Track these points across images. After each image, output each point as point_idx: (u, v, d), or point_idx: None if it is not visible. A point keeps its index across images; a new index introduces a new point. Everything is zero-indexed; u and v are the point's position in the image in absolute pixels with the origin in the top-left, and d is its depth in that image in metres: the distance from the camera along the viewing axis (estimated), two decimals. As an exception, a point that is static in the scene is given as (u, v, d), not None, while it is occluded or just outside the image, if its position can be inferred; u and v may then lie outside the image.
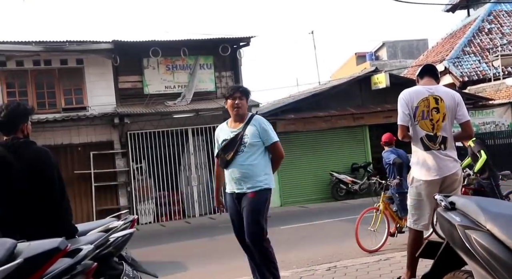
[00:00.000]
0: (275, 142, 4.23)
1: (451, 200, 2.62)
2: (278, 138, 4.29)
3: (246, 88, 4.46)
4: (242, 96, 4.31)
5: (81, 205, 12.83)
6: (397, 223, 6.98)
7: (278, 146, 4.27)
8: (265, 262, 4.17)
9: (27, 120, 3.24)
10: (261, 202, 4.14)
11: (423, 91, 3.94)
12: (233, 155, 4.17)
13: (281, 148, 4.31)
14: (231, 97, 4.32)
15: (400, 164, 6.73)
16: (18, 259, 1.97)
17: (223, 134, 4.36)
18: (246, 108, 4.36)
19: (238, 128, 4.26)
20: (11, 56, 12.64)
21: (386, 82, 14.77)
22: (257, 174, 4.14)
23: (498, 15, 21.82)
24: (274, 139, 4.24)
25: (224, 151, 4.25)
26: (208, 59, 14.59)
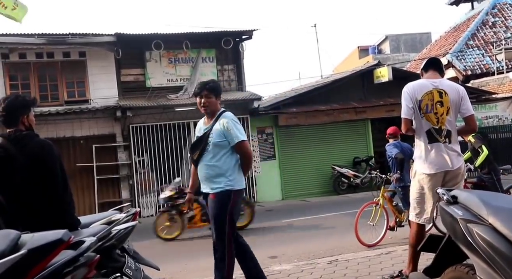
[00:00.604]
0: (238, 142, 3.99)
1: (453, 194, 2.62)
2: (244, 137, 4.04)
3: (213, 85, 4.26)
4: (210, 94, 4.12)
5: (83, 197, 12.87)
6: (396, 217, 6.99)
7: (243, 146, 4.01)
8: (220, 264, 4.04)
9: (28, 112, 3.23)
10: (219, 204, 3.98)
11: (427, 85, 3.93)
12: (199, 154, 4.09)
13: (247, 148, 4.06)
14: (198, 95, 4.16)
15: (402, 159, 6.69)
16: (22, 250, 1.98)
17: (197, 131, 4.29)
18: (215, 105, 4.15)
19: (207, 126, 4.13)
20: (14, 49, 12.63)
21: (389, 76, 14.72)
22: (220, 175, 4.00)
23: (502, 8, 21.69)
24: (238, 139, 3.99)
25: (192, 150, 4.18)
26: (210, 53, 14.56)
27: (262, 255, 6.79)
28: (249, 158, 4.11)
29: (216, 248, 4.07)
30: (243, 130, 4.14)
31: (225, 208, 3.98)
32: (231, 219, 4.00)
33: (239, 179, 4.06)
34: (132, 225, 3.64)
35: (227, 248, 3.98)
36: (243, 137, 4.03)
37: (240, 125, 4.14)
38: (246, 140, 4.07)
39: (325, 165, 14.76)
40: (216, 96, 4.18)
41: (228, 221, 3.98)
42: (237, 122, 4.12)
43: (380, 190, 7.07)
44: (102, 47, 13.11)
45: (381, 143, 16.69)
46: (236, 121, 4.12)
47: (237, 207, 4.08)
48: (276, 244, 7.58)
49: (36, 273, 2.04)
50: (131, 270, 3.43)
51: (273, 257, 6.71)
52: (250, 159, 4.12)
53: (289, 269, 5.25)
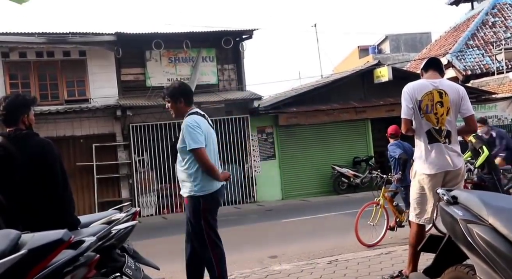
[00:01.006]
0: (190, 150, 3.86)
1: (454, 194, 2.62)
2: (196, 145, 3.83)
3: (170, 89, 4.10)
4: (169, 99, 4.07)
5: (83, 197, 12.87)
6: (396, 217, 6.98)
7: (195, 154, 3.85)
8: (208, 266, 4.04)
9: (28, 111, 3.23)
10: (191, 209, 3.98)
11: (427, 85, 3.92)
12: (174, 159, 4.12)
13: (199, 156, 3.84)
14: (165, 100, 4.15)
15: (406, 160, 6.65)
16: (22, 250, 1.98)
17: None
18: (179, 109, 4.07)
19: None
20: (14, 48, 12.63)
21: (389, 75, 14.72)
22: (186, 180, 3.97)
23: (502, 8, 21.68)
24: (189, 147, 3.85)
25: (172, 156, 4.18)
26: (211, 52, 14.56)
27: (262, 255, 6.81)
28: (205, 166, 3.87)
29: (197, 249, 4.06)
30: (200, 135, 3.87)
31: (197, 213, 3.95)
32: (207, 223, 3.95)
33: (205, 184, 3.93)
34: (132, 225, 3.64)
35: (212, 252, 3.96)
36: (194, 146, 3.83)
37: (197, 130, 3.88)
38: (198, 147, 3.83)
39: (325, 165, 14.76)
40: (174, 100, 4.05)
41: (204, 226, 3.94)
42: (194, 127, 3.89)
43: (381, 190, 7.06)
44: (102, 47, 13.12)
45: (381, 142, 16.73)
46: (194, 126, 3.89)
47: (211, 211, 4.00)
48: (276, 244, 7.58)
49: (36, 272, 2.03)
50: (131, 270, 3.43)
51: (273, 257, 6.71)
52: (206, 167, 3.87)
53: (289, 269, 5.25)
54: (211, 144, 4.03)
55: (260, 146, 14.58)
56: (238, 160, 14.22)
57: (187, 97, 4.11)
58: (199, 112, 4.10)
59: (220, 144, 14.04)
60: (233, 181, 14.10)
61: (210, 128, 4.10)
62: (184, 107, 4.08)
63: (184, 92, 4.12)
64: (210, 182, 3.96)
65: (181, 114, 4.08)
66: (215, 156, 4.10)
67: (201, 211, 3.93)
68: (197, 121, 3.94)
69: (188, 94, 4.15)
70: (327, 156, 14.90)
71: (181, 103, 4.07)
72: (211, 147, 4.04)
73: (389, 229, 6.97)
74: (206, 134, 3.95)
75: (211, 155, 3.99)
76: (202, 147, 3.86)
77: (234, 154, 14.16)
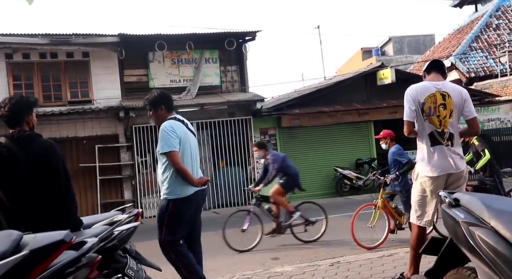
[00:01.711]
0: (163, 153, 4.01)
1: (456, 197, 2.61)
2: (169, 148, 3.95)
3: (151, 98, 4.26)
4: (150, 108, 4.26)
5: (86, 198, 12.90)
6: (396, 220, 6.97)
7: (168, 158, 3.98)
8: (175, 266, 4.15)
9: (32, 112, 3.26)
10: (159, 211, 4.13)
11: (430, 87, 3.92)
12: (158, 163, 4.24)
13: (171, 160, 3.95)
14: (147, 109, 4.39)
15: (413, 165, 6.63)
16: (24, 250, 1.99)
17: None
18: (160, 116, 4.20)
19: None
20: (17, 49, 12.68)
21: (392, 77, 14.71)
22: (161, 183, 4.13)
23: (506, 11, 21.64)
24: (162, 150, 4.00)
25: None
26: (214, 53, 14.58)
27: (264, 257, 6.81)
28: (178, 170, 3.96)
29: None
30: (173, 139, 3.98)
31: (162, 216, 4.06)
32: (168, 228, 4.03)
33: (176, 188, 4.03)
34: (134, 226, 3.64)
35: (173, 255, 4.06)
36: (166, 149, 3.96)
37: (172, 135, 4.00)
38: (169, 151, 3.95)
39: (328, 167, 14.75)
40: (156, 108, 4.22)
41: (165, 229, 4.04)
42: (169, 132, 4.01)
43: (379, 192, 7.07)
44: (106, 48, 13.15)
45: (383, 144, 16.74)
46: (168, 130, 4.02)
47: (180, 216, 4.03)
48: (278, 246, 7.57)
49: (38, 273, 2.04)
50: (133, 271, 3.44)
51: (275, 259, 6.71)
52: (179, 171, 3.96)
53: (291, 271, 5.24)
54: (188, 149, 4.12)
55: (263, 147, 14.55)
56: (240, 161, 14.23)
57: (168, 104, 4.28)
58: (178, 118, 4.22)
59: (222, 145, 14.09)
60: (236, 182, 14.10)
61: (188, 133, 4.19)
62: (165, 113, 4.23)
63: (165, 99, 4.30)
64: (182, 187, 4.04)
65: (161, 121, 4.21)
66: (194, 161, 4.18)
67: (166, 214, 4.05)
68: (172, 126, 4.07)
69: (168, 101, 4.32)
70: (329, 157, 14.89)
71: (162, 110, 4.23)
72: (188, 152, 4.13)
73: (390, 232, 6.96)
74: (182, 139, 4.06)
75: (188, 159, 4.09)
76: (173, 150, 3.97)
77: (236, 155, 14.17)
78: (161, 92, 4.42)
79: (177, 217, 4.05)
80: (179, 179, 4.02)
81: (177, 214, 4.05)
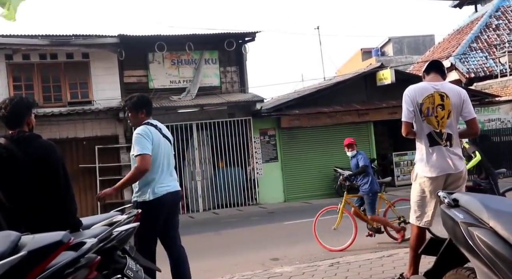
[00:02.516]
0: (136, 155, 4.02)
1: (455, 197, 2.61)
2: (141, 151, 3.99)
3: (134, 100, 4.29)
4: (131, 110, 4.30)
5: (86, 198, 12.90)
6: (367, 224, 7.07)
7: (139, 158, 4.00)
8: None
9: (31, 113, 3.26)
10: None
11: (428, 88, 3.92)
12: (132, 166, 4.26)
13: (139, 162, 3.99)
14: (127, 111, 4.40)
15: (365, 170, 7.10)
16: (22, 251, 1.99)
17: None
18: (139, 119, 4.26)
19: None
20: (17, 50, 12.69)
21: (392, 78, 14.71)
22: (134, 185, 4.18)
23: (506, 11, 21.66)
24: (135, 153, 4.03)
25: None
26: (213, 54, 14.58)
27: (264, 257, 6.81)
28: (139, 172, 4.00)
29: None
30: (148, 143, 4.04)
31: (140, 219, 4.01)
32: (138, 237, 3.98)
33: (143, 191, 4.09)
34: (134, 227, 3.63)
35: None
36: (140, 152, 4.00)
37: (147, 139, 4.06)
38: (142, 154, 3.99)
39: (328, 167, 14.74)
40: (137, 111, 4.26)
41: (135, 238, 3.99)
42: (144, 135, 4.07)
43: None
44: (105, 49, 13.16)
45: (383, 145, 16.74)
46: (144, 134, 4.08)
47: (146, 222, 3.96)
48: (278, 246, 7.57)
49: (36, 274, 2.04)
50: (132, 272, 3.43)
51: (274, 259, 6.70)
52: (138, 174, 4.01)
53: (290, 271, 5.24)
54: (161, 154, 4.17)
55: (263, 148, 14.59)
56: (240, 162, 14.23)
57: (149, 109, 4.34)
58: (152, 123, 4.26)
59: (222, 146, 14.10)
60: (235, 183, 14.11)
61: (162, 139, 4.25)
62: (145, 117, 4.28)
63: (147, 104, 4.36)
64: (146, 190, 4.09)
65: (139, 124, 4.26)
66: (165, 165, 4.22)
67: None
68: (147, 131, 4.12)
69: (149, 106, 4.38)
70: (329, 158, 14.88)
71: (142, 114, 4.28)
72: (161, 157, 4.17)
73: (368, 236, 7.08)
74: (155, 144, 4.12)
75: (159, 164, 4.14)
76: (147, 154, 4.01)
77: (236, 156, 14.17)
78: (144, 96, 4.46)
79: (147, 223, 3.97)
80: (148, 183, 4.08)
81: (147, 219, 3.97)
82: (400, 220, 7.18)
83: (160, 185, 4.14)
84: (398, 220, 7.20)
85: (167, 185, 4.20)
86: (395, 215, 7.28)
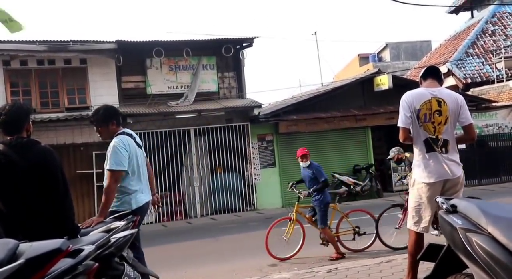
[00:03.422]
0: (109, 170, 4.00)
1: (453, 203, 2.61)
2: (114, 166, 3.98)
3: (101, 113, 4.25)
4: (100, 124, 4.23)
5: (83, 204, 12.85)
6: (320, 234, 7.04)
7: (112, 174, 4.00)
8: None
9: (29, 119, 3.26)
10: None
11: (425, 94, 3.93)
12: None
13: (113, 177, 3.99)
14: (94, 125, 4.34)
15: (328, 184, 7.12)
16: (20, 259, 1.98)
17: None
18: (111, 131, 4.21)
19: None
20: (15, 56, 12.68)
21: (389, 83, 14.75)
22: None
23: (502, 17, 21.78)
24: (111, 166, 4.00)
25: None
26: (211, 60, 14.61)
27: (262, 263, 6.79)
28: (109, 190, 3.97)
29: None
30: (124, 159, 4.01)
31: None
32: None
33: (122, 201, 4.08)
34: (131, 233, 3.62)
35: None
36: (116, 167, 3.97)
37: (124, 153, 4.02)
38: (118, 170, 3.98)
39: (326, 173, 14.67)
40: (107, 123, 4.19)
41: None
42: (122, 148, 4.03)
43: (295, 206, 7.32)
44: (103, 54, 13.17)
45: (381, 150, 16.75)
46: (121, 147, 4.03)
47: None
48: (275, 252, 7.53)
49: (34, 282, 2.03)
50: (130, 278, 3.42)
51: (272, 265, 6.69)
52: (109, 192, 3.97)
53: (288, 278, 5.23)
54: (135, 165, 4.14)
55: (260, 153, 14.58)
56: (238, 167, 14.22)
57: (118, 118, 4.27)
58: (127, 132, 4.21)
59: (220, 151, 14.09)
60: (233, 188, 14.09)
61: (137, 149, 4.21)
62: (116, 128, 4.22)
63: (115, 113, 4.30)
64: (128, 201, 4.08)
65: (111, 136, 4.20)
66: (141, 174, 4.20)
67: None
68: (124, 143, 4.07)
69: (118, 115, 4.32)
70: (327, 163, 14.82)
71: (113, 125, 4.22)
72: (135, 168, 4.15)
73: (322, 244, 7.06)
74: (133, 154, 4.10)
75: (140, 174, 4.15)
76: (121, 170, 3.99)
77: (234, 161, 14.16)
78: (110, 107, 4.39)
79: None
80: (125, 192, 4.07)
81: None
82: (355, 230, 7.18)
83: (141, 194, 4.19)
84: (353, 230, 7.20)
85: (146, 194, 4.25)
86: (349, 226, 7.25)
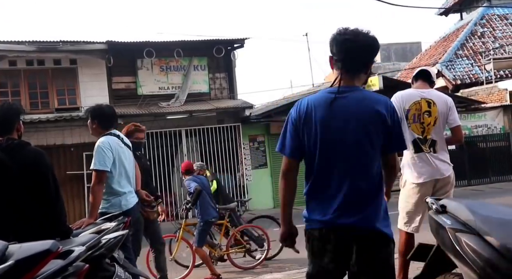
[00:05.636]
0: (93, 169, 3.96)
1: (442, 203, 2.63)
2: (97, 166, 3.92)
3: (91, 109, 4.23)
4: (87, 118, 4.20)
5: (74, 205, 12.75)
6: (210, 252, 6.64)
7: (96, 174, 3.95)
8: None
9: (19, 119, 3.23)
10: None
11: (415, 94, 3.96)
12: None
13: (98, 177, 3.93)
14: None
15: (200, 191, 6.33)
16: (9, 261, 1.96)
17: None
18: (93, 129, 4.19)
19: None
20: (4, 56, 12.57)
21: (379, 85, 14.81)
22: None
23: (490, 19, 21.99)
24: (94, 166, 3.96)
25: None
26: (202, 61, 14.59)
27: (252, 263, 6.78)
28: (94, 190, 3.93)
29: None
30: (108, 159, 3.96)
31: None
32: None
33: (112, 203, 4.07)
34: (122, 234, 3.61)
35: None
36: (98, 167, 3.93)
37: (107, 153, 3.97)
38: (101, 170, 3.93)
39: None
40: (91, 121, 4.15)
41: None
42: (105, 149, 3.97)
43: (181, 222, 6.76)
44: (94, 55, 13.10)
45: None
46: (105, 148, 3.97)
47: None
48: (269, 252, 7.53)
49: (24, 283, 2.02)
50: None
51: (264, 266, 6.69)
52: (94, 192, 3.93)
53: (280, 278, 5.23)
54: (121, 167, 4.10)
55: (252, 154, 14.58)
56: (229, 168, 14.21)
57: (100, 120, 4.15)
58: (114, 133, 4.14)
59: (211, 152, 14.06)
60: (225, 189, 14.05)
61: (123, 150, 4.15)
62: (97, 128, 4.15)
63: (99, 115, 4.17)
64: (114, 202, 4.05)
65: (96, 134, 4.16)
66: (127, 175, 4.17)
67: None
68: (109, 143, 4.01)
69: (102, 117, 4.17)
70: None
71: (94, 124, 4.16)
72: (122, 169, 4.11)
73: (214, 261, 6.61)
74: (116, 157, 4.03)
75: (120, 173, 4.09)
76: (104, 171, 3.94)
77: (225, 162, 14.15)
78: (100, 108, 4.25)
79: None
80: (112, 194, 4.04)
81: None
82: (246, 248, 6.86)
83: (131, 196, 4.17)
84: (244, 248, 6.87)
85: (134, 196, 4.23)
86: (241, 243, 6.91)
